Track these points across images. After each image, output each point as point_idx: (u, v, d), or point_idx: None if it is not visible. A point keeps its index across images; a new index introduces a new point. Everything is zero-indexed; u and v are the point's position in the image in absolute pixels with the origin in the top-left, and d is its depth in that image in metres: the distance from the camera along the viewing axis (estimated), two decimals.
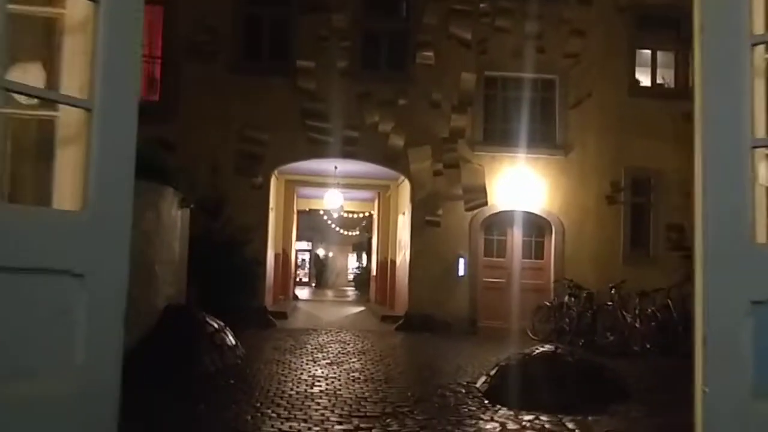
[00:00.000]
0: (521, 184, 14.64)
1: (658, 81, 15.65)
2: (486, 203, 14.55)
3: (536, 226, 15.06)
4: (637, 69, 15.51)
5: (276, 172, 15.59)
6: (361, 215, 28.74)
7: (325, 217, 30.36)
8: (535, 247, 15.09)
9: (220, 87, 14.25)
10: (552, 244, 14.88)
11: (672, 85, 15.62)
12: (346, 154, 14.52)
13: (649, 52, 15.63)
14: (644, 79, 15.62)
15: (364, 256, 35.34)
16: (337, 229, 33.17)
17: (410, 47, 14.87)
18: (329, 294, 31.10)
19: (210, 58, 14.25)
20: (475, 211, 14.58)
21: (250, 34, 14.70)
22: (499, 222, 14.97)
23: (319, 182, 18.66)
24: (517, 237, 14.99)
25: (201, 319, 9.24)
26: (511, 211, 14.76)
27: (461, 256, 14.51)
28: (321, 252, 39.08)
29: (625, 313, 13.24)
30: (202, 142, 13.77)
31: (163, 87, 14.45)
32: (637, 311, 13.32)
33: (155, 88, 14.58)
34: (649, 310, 13.20)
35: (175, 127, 13.62)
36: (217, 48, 14.30)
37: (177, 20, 14.42)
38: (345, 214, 27.77)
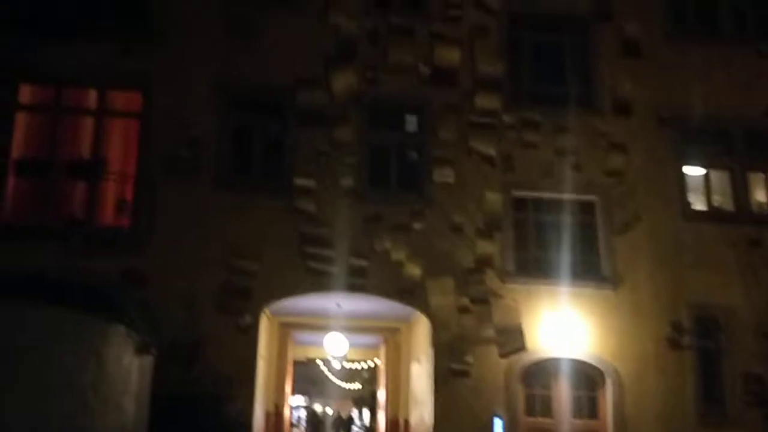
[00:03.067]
0: (565, 324, 12.03)
1: (714, 204, 13.45)
2: (524, 347, 11.86)
3: (587, 376, 12.24)
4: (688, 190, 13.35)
5: (267, 310, 13.03)
6: (364, 365, 25.70)
7: (323, 367, 27.39)
8: (587, 404, 12.19)
9: (202, 208, 12.10)
10: (608, 399, 11.98)
11: (732, 208, 13.38)
12: (353, 287, 12.03)
13: (700, 170, 13.54)
14: (696, 202, 13.44)
15: (366, 412, 31.90)
16: (337, 381, 29.95)
17: (425, 164, 12.81)
18: None
19: (192, 174, 12.17)
20: (512, 358, 11.87)
21: (239, 148, 12.61)
22: (542, 372, 12.15)
23: (317, 325, 16.09)
24: (564, 391, 12.12)
25: None
26: (556, 359, 12.03)
27: (497, 415, 11.59)
28: (318, 407, 35.47)
29: None
30: (178, 274, 11.67)
31: (136, 210, 12.21)
32: None
33: (126, 212, 12.34)
34: None
35: (147, 256, 11.74)
36: (200, 163, 12.23)
37: (155, 134, 12.43)
38: (345, 364, 24.79)
